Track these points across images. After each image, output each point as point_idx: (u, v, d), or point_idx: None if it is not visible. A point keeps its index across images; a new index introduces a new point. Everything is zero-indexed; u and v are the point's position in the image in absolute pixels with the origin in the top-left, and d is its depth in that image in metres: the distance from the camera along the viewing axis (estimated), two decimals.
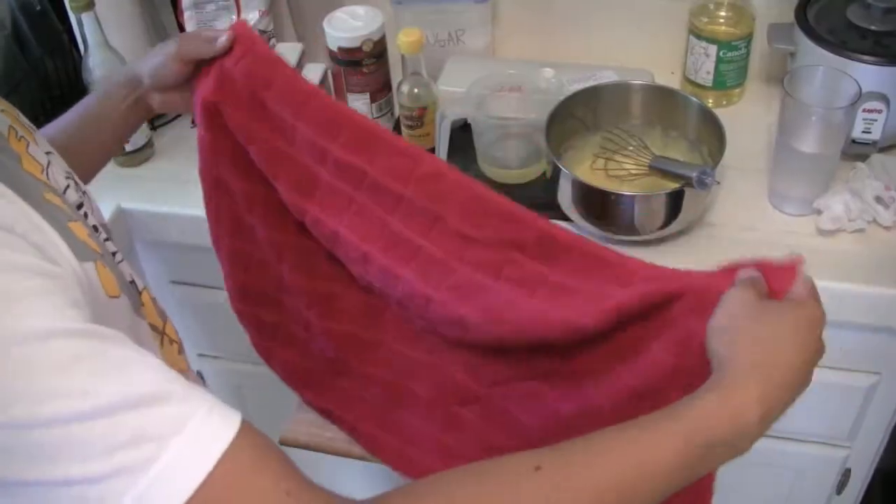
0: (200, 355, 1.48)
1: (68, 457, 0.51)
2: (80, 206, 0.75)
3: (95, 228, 0.75)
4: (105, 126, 1.01)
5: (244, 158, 0.95)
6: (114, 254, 0.75)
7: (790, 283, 0.71)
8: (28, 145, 0.72)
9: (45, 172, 0.71)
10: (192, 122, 1.38)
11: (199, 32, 0.99)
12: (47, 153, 0.76)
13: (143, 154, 1.31)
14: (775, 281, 0.72)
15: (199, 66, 0.96)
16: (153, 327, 0.79)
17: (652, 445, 0.61)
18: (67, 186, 0.75)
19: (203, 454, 0.54)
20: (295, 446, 1.07)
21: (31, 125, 0.79)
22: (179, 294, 1.38)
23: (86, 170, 0.99)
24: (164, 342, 0.82)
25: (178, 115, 1.40)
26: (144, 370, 0.55)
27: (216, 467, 0.53)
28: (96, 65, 1.21)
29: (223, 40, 0.93)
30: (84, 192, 0.79)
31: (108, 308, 0.66)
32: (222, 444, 0.54)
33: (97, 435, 0.52)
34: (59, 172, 0.75)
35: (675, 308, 0.73)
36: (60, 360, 0.52)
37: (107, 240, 0.77)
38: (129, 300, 0.71)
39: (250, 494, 0.55)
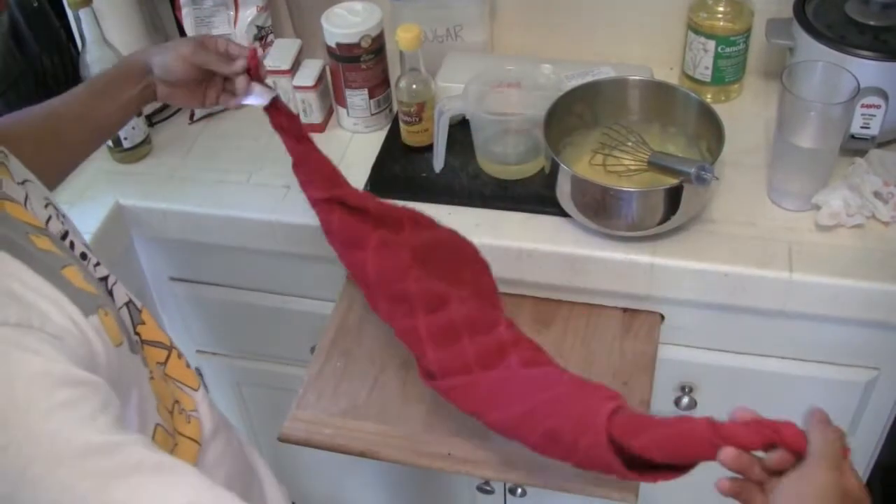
0: (199, 352, 1.48)
1: None
2: (64, 236, 0.73)
3: (84, 256, 0.74)
4: (109, 105, 1.02)
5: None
6: (105, 278, 0.74)
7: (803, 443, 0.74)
8: (1, 182, 0.69)
9: (26, 205, 0.68)
10: (191, 118, 1.38)
11: (217, 43, 1.01)
12: (22, 183, 0.73)
13: (140, 150, 1.31)
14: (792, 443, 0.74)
15: (208, 73, 1.00)
16: (160, 344, 0.79)
17: None
18: (49, 217, 0.73)
19: None
20: (294, 443, 1.07)
21: (2, 150, 0.75)
22: (178, 291, 1.38)
23: (82, 148, 1.01)
24: (173, 356, 0.82)
25: (177, 111, 1.40)
26: (175, 476, 0.56)
27: None
28: (94, 61, 1.21)
29: (241, 65, 0.97)
30: (64, 217, 0.76)
31: (117, 357, 0.66)
32: None
33: None
34: (38, 202, 0.73)
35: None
36: (98, 477, 0.52)
37: (97, 265, 0.76)
38: (127, 342, 0.71)
39: None
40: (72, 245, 0.73)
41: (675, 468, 0.81)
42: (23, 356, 0.52)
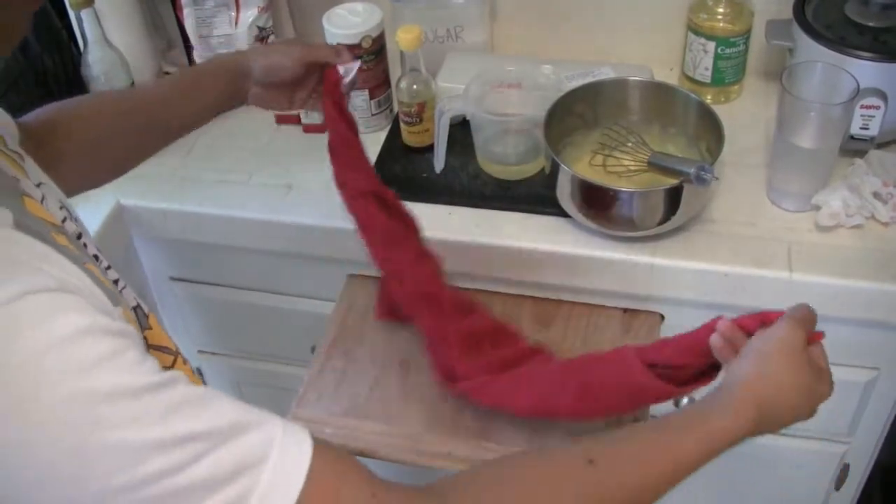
0: (200, 352, 1.48)
1: None
2: (79, 237, 0.73)
3: (96, 258, 0.75)
4: (192, 105, 1.02)
5: None
6: (115, 281, 0.75)
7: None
8: (19, 180, 0.69)
9: (42, 204, 0.68)
10: None
11: (323, 44, 1.05)
12: (38, 185, 0.72)
13: None
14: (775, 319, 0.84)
15: (306, 74, 1.03)
16: (166, 349, 0.79)
17: (683, 450, 0.74)
18: (65, 219, 0.73)
19: (293, 475, 0.57)
20: None
21: (18, 151, 0.75)
22: (178, 290, 1.38)
23: (150, 143, 1.02)
24: (178, 362, 0.82)
25: None
26: (221, 402, 0.58)
27: (306, 486, 0.57)
28: (95, 61, 1.21)
29: (348, 55, 1.02)
30: (77, 220, 0.77)
31: None
32: (305, 463, 0.58)
33: (200, 480, 0.54)
34: (53, 203, 0.72)
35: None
36: (153, 413, 0.54)
37: (108, 268, 0.76)
38: (140, 340, 0.71)
39: None
40: (85, 247, 0.73)
41: (702, 376, 0.88)
42: (66, 316, 0.53)
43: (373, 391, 1.10)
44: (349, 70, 1.04)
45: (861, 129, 1.16)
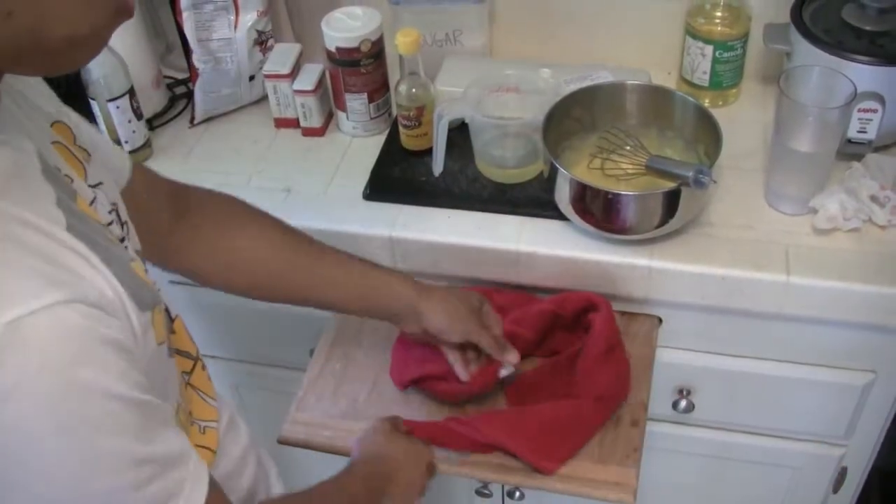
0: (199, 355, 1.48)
1: None
2: (122, 241, 0.74)
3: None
4: (349, 307, 1.04)
5: None
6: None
7: None
8: (73, 179, 0.70)
9: (93, 206, 0.69)
10: (191, 121, 1.39)
11: (492, 334, 1.04)
12: (94, 185, 0.73)
13: (141, 154, 1.32)
14: None
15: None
16: (186, 354, 0.80)
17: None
18: (111, 222, 0.74)
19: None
20: (294, 445, 1.07)
21: (85, 149, 0.76)
22: (178, 294, 1.38)
23: (277, 300, 1.03)
24: (197, 367, 0.84)
25: (178, 114, 1.41)
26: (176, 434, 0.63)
27: None
28: (94, 65, 1.22)
29: (512, 358, 1.04)
30: (124, 224, 0.78)
31: (154, 355, 0.68)
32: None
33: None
34: (104, 206, 0.74)
35: None
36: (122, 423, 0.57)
37: (145, 272, 0.77)
38: (166, 344, 0.72)
39: None
40: (126, 250, 0.74)
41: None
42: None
43: (371, 393, 1.10)
44: (507, 370, 1.05)
45: (858, 132, 1.17)
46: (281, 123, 1.37)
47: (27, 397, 0.52)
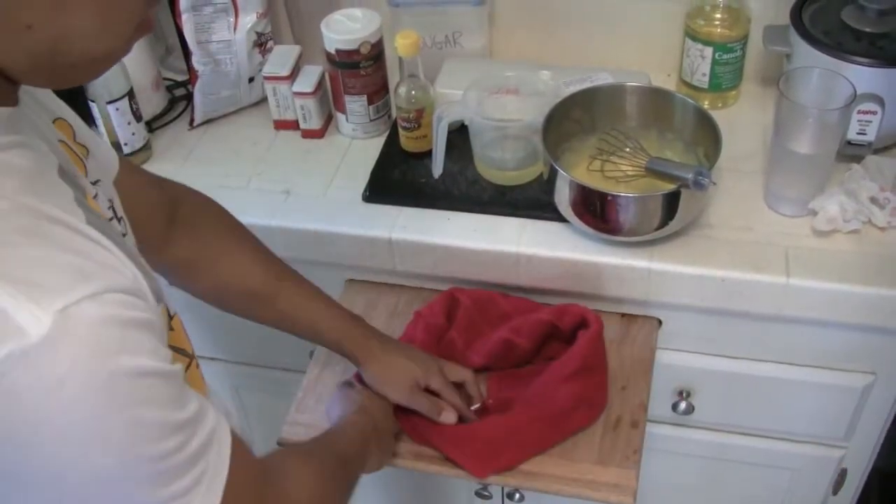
0: (199, 357, 1.48)
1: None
2: (123, 235, 0.75)
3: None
4: (309, 331, 1.08)
5: None
6: None
7: None
8: (77, 175, 0.70)
9: (95, 202, 0.70)
10: (190, 123, 1.39)
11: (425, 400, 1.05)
12: (94, 182, 0.74)
13: (140, 156, 1.32)
14: None
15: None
16: (182, 352, 0.81)
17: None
18: (111, 218, 0.75)
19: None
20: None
21: (85, 146, 0.77)
22: (177, 296, 1.38)
23: (255, 318, 1.11)
24: (192, 366, 0.84)
25: (177, 117, 1.41)
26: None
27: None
28: None
29: (449, 418, 1.04)
30: (122, 220, 0.79)
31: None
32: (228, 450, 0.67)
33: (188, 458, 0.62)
34: (103, 202, 0.74)
35: None
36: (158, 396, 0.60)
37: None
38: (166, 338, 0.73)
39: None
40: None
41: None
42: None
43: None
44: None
45: (858, 134, 1.17)
46: (280, 125, 1.37)
47: (82, 382, 0.54)
